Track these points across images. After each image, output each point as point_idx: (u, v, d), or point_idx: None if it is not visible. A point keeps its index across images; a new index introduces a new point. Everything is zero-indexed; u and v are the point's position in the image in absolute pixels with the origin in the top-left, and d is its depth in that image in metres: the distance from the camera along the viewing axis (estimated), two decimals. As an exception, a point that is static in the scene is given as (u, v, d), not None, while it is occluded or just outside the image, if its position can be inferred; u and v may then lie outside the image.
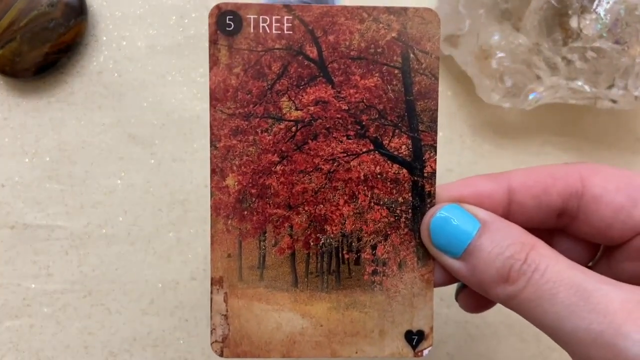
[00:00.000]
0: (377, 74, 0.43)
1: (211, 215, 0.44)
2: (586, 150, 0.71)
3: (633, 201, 0.42)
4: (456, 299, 0.50)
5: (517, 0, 0.63)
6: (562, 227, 0.46)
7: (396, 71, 0.43)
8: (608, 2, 0.60)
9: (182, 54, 0.69)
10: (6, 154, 0.68)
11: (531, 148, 0.71)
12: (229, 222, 0.44)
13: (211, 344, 0.45)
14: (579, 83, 0.63)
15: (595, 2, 0.60)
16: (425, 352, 0.45)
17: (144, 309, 0.68)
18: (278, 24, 0.43)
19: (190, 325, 0.69)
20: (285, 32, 0.43)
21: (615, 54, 0.61)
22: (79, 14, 0.67)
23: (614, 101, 0.64)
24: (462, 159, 0.70)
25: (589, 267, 0.46)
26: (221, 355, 0.45)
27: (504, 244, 0.40)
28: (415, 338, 0.45)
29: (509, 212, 0.44)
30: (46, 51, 0.66)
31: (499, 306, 0.49)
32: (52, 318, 0.68)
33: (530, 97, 0.64)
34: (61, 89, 0.69)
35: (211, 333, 0.45)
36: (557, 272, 0.38)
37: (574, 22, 0.61)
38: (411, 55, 0.43)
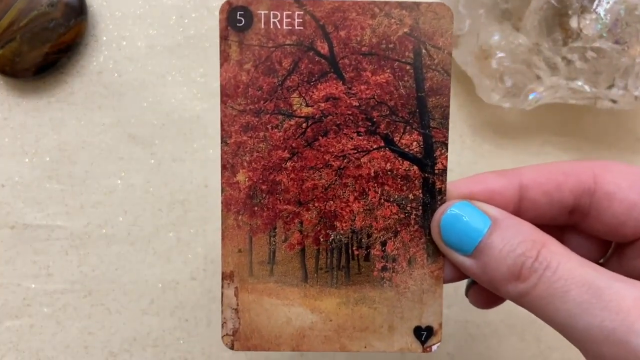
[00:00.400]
0: (388, 70, 0.43)
1: (222, 210, 0.44)
2: (586, 150, 0.71)
3: None
4: (466, 294, 0.50)
5: (517, 0, 0.63)
6: (573, 224, 0.46)
7: (408, 67, 0.43)
8: (608, 2, 0.60)
9: (182, 54, 0.69)
10: (6, 154, 0.68)
11: (531, 148, 0.71)
12: (240, 217, 0.44)
13: (222, 337, 0.45)
14: (579, 83, 0.63)
15: (595, 2, 0.60)
16: (434, 347, 0.45)
17: (144, 309, 0.68)
18: (289, 20, 0.42)
19: (190, 325, 0.68)
20: (296, 27, 0.43)
21: (615, 54, 0.61)
22: (79, 14, 0.67)
23: (614, 101, 0.64)
24: (462, 159, 0.70)
25: (600, 264, 0.46)
26: (232, 348, 0.45)
27: (515, 242, 0.40)
28: (424, 334, 0.45)
29: (520, 208, 0.44)
30: (46, 51, 0.66)
31: (500, 306, 0.49)
32: (52, 318, 0.68)
33: (530, 97, 0.64)
34: (61, 89, 0.69)
35: (222, 326, 0.45)
36: (568, 270, 0.38)
37: (574, 22, 0.61)
38: (423, 51, 0.43)
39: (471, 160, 0.70)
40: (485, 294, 0.48)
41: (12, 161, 0.68)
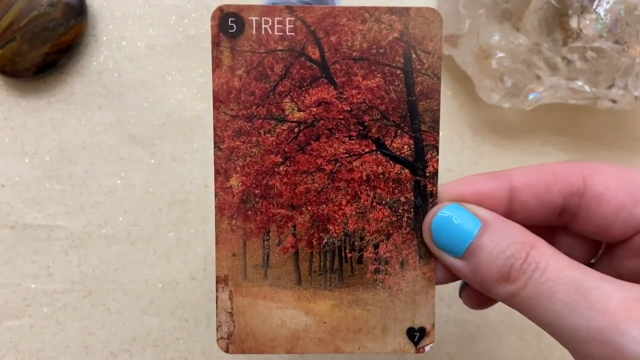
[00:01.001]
0: (379, 75, 0.43)
1: (215, 215, 0.44)
2: (586, 150, 0.71)
3: (634, 199, 0.42)
4: (460, 295, 0.50)
5: (517, 0, 0.63)
6: (563, 224, 0.46)
7: (398, 72, 0.43)
8: (608, 2, 0.60)
9: (182, 54, 0.69)
10: (6, 154, 0.68)
11: (531, 148, 0.71)
12: (233, 222, 0.44)
13: (217, 340, 0.45)
14: (579, 83, 0.63)
15: (595, 2, 0.60)
16: (427, 348, 0.45)
17: (144, 309, 0.69)
18: (280, 26, 0.43)
19: (190, 325, 0.69)
20: (288, 33, 0.43)
21: (615, 54, 0.61)
22: (79, 14, 0.67)
23: (614, 101, 0.64)
24: (462, 159, 0.70)
25: (591, 265, 0.46)
26: (227, 351, 0.45)
27: (505, 243, 0.40)
28: (417, 335, 0.45)
29: (510, 210, 0.44)
30: (46, 51, 0.66)
31: (499, 305, 0.49)
32: (52, 318, 0.68)
33: (530, 97, 0.64)
34: (61, 89, 0.69)
35: (217, 330, 0.45)
36: (556, 271, 0.38)
37: (574, 22, 0.61)
38: (413, 55, 0.43)
39: (471, 160, 0.70)
40: (478, 295, 0.48)
41: (12, 161, 0.68)
